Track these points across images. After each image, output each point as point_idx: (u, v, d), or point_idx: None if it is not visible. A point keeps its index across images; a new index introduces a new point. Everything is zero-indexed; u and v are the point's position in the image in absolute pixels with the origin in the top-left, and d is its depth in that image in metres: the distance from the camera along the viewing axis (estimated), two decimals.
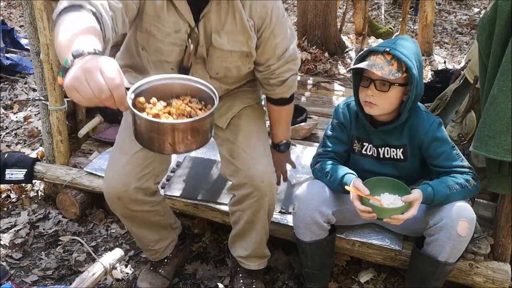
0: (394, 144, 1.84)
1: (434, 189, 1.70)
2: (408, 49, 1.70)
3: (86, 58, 0.99)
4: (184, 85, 1.18)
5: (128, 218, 1.91)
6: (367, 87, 1.73)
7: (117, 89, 0.98)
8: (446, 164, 1.79)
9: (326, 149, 1.93)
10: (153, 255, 2.08)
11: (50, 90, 2.49)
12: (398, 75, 1.67)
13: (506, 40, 1.62)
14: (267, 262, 2.09)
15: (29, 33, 2.48)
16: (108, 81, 0.97)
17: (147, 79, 1.14)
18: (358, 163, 1.92)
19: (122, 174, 1.80)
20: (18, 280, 2.20)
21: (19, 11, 7.75)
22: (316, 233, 1.86)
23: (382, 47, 1.70)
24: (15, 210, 2.69)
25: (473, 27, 6.95)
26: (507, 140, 1.59)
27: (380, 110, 1.75)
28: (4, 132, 3.64)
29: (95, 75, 0.96)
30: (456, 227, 1.68)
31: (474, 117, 2.20)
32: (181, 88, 1.17)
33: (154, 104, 1.12)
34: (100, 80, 0.96)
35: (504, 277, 1.92)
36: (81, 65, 0.97)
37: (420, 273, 1.84)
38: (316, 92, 4.05)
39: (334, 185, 1.82)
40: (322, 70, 4.94)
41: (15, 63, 4.74)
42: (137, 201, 1.84)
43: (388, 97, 1.71)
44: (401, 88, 1.72)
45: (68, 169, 2.60)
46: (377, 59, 1.69)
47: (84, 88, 0.96)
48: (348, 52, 5.60)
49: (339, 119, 1.92)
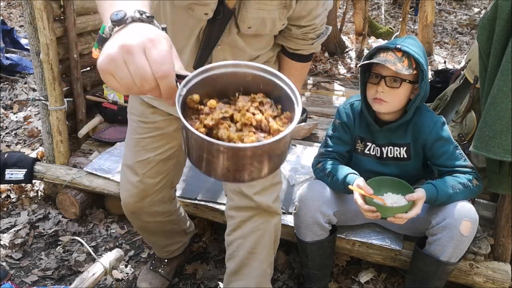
0: (398, 143, 1.85)
1: (437, 188, 1.70)
2: (417, 47, 1.72)
3: (128, 28, 0.75)
4: (255, 76, 0.82)
5: (143, 229, 1.92)
6: (377, 83, 1.73)
7: (165, 79, 0.71)
8: (448, 163, 1.79)
9: (327, 149, 1.92)
10: (163, 253, 2.09)
11: (50, 90, 2.49)
12: (408, 72, 1.69)
13: (506, 40, 1.62)
14: None
15: (29, 33, 2.48)
16: (154, 67, 0.70)
17: (207, 66, 0.79)
18: (360, 163, 1.92)
19: (135, 194, 1.74)
20: (18, 280, 2.20)
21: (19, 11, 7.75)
22: (317, 233, 1.86)
23: (393, 44, 1.71)
24: (15, 210, 2.69)
25: (473, 27, 6.95)
26: (507, 140, 1.59)
27: (389, 107, 1.76)
28: (4, 132, 3.64)
29: (137, 56, 0.70)
30: (459, 227, 1.68)
31: (474, 117, 2.20)
32: (252, 80, 0.82)
33: (212, 108, 0.78)
34: (143, 65, 0.70)
35: (504, 277, 1.92)
36: (120, 39, 0.72)
37: (422, 273, 1.84)
38: (316, 92, 4.05)
39: (336, 185, 1.82)
40: (322, 70, 4.94)
41: (15, 63, 4.74)
42: (151, 213, 1.82)
43: (398, 94, 1.73)
44: (410, 85, 1.74)
45: (68, 169, 2.60)
46: (388, 56, 1.70)
47: (121, 73, 0.71)
48: (348, 52, 5.60)
49: (341, 119, 1.91)
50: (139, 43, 0.71)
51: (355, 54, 5.52)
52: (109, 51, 0.71)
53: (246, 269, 1.65)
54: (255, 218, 1.61)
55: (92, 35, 2.96)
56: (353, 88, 4.15)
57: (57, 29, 2.58)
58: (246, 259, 1.64)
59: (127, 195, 1.76)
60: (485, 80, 1.75)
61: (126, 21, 0.75)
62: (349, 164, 1.93)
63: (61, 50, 2.65)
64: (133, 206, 1.78)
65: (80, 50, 2.83)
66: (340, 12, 6.42)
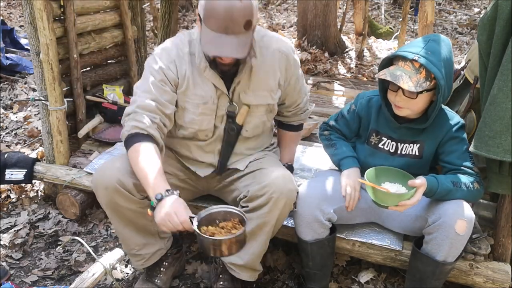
0: (414, 140, 1.85)
1: (438, 180, 1.71)
2: (438, 55, 1.68)
3: (165, 201, 1.58)
4: (226, 211, 1.68)
5: (114, 211, 1.83)
6: (395, 91, 1.73)
7: (186, 224, 1.56)
8: (456, 161, 1.79)
9: (336, 126, 2.01)
10: (138, 261, 1.98)
11: (50, 90, 2.49)
12: (425, 85, 1.66)
13: (506, 40, 1.62)
14: (257, 276, 2.02)
15: (29, 33, 2.48)
16: (181, 220, 1.56)
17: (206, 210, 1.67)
18: (371, 155, 1.93)
19: (116, 168, 1.79)
20: (18, 280, 2.20)
21: (19, 11, 7.76)
22: (318, 231, 1.87)
23: (412, 54, 1.67)
24: (15, 210, 2.69)
25: (473, 27, 6.95)
26: (507, 140, 1.59)
27: (409, 112, 1.77)
28: (4, 132, 3.65)
29: (172, 218, 1.56)
30: (454, 226, 1.68)
31: (474, 117, 2.20)
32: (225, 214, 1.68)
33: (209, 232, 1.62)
34: (176, 221, 1.56)
35: (504, 277, 1.92)
36: (164, 209, 1.57)
37: (420, 273, 1.84)
38: (316, 92, 4.05)
39: (333, 159, 1.97)
40: (322, 70, 4.94)
41: (15, 63, 4.74)
42: (126, 197, 1.78)
43: (416, 103, 1.72)
44: (430, 93, 1.72)
45: (68, 169, 2.60)
46: (405, 66, 1.68)
47: (168, 225, 1.57)
48: (348, 52, 5.60)
49: (357, 107, 1.95)
50: (172, 210, 1.56)
51: (355, 54, 5.53)
52: (161, 216, 1.57)
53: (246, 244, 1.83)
54: (263, 207, 1.80)
55: (92, 35, 2.96)
56: (353, 88, 4.16)
57: (57, 29, 2.58)
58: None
59: (106, 167, 1.82)
60: (485, 80, 1.75)
61: (163, 197, 1.59)
62: (358, 155, 1.96)
63: (61, 50, 2.65)
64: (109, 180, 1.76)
65: (80, 50, 2.84)
66: (340, 12, 6.42)
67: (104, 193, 1.79)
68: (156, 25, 5.55)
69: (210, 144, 1.95)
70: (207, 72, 1.82)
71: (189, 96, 1.85)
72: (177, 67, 1.83)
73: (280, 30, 6.61)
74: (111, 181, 1.76)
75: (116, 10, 3.17)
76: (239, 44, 1.63)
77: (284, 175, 1.82)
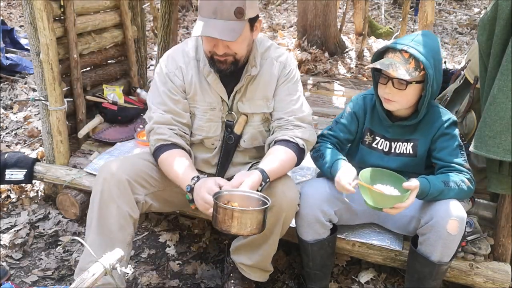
0: (407, 139, 1.87)
1: (429, 182, 1.73)
2: (427, 46, 1.71)
3: (195, 191, 1.66)
4: (246, 196, 1.62)
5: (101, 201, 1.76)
6: (385, 84, 1.75)
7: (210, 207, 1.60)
8: (447, 158, 1.80)
9: (330, 133, 1.98)
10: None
11: (50, 90, 2.49)
12: (415, 74, 1.69)
13: (506, 40, 1.62)
14: (268, 277, 2.04)
15: (29, 33, 2.48)
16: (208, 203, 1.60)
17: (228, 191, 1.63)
18: (365, 155, 1.94)
19: (129, 166, 1.82)
20: (18, 280, 2.20)
21: (19, 11, 7.76)
22: (319, 232, 1.87)
23: (400, 45, 1.72)
24: (15, 210, 2.69)
25: (473, 27, 6.95)
26: (507, 140, 1.59)
27: (398, 106, 1.78)
28: (4, 132, 3.65)
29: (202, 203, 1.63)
30: (446, 226, 1.69)
31: (474, 117, 2.20)
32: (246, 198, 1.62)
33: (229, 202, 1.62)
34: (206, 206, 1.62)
35: (504, 277, 1.92)
36: (197, 196, 1.65)
37: (418, 274, 1.85)
38: (316, 92, 4.05)
39: (323, 168, 1.88)
40: (322, 70, 4.94)
41: (15, 63, 4.74)
42: (124, 191, 1.75)
43: (405, 95, 1.74)
44: (419, 85, 1.74)
45: (68, 169, 2.60)
46: (395, 57, 1.72)
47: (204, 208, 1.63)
48: (348, 52, 5.60)
49: (353, 108, 1.95)
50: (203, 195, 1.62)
51: (355, 54, 5.53)
52: (200, 202, 1.64)
53: (255, 246, 1.92)
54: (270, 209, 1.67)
55: (92, 35, 2.95)
56: (353, 88, 4.16)
57: (57, 29, 2.58)
58: (257, 239, 1.87)
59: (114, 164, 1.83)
60: (485, 80, 1.75)
61: (192, 189, 1.67)
62: (350, 155, 1.97)
63: (61, 50, 2.65)
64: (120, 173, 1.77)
65: (80, 50, 2.83)
66: (340, 12, 6.42)
67: (107, 177, 1.75)
68: (156, 25, 5.54)
69: (213, 156, 1.97)
70: (210, 78, 1.83)
71: (198, 101, 1.88)
72: (183, 73, 1.86)
73: (280, 30, 6.61)
74: (119, 172, 1.77)
75: (116, 10, 3.17)
76: (227, 28, 1.63)
77: (283, 183, 1.80)
